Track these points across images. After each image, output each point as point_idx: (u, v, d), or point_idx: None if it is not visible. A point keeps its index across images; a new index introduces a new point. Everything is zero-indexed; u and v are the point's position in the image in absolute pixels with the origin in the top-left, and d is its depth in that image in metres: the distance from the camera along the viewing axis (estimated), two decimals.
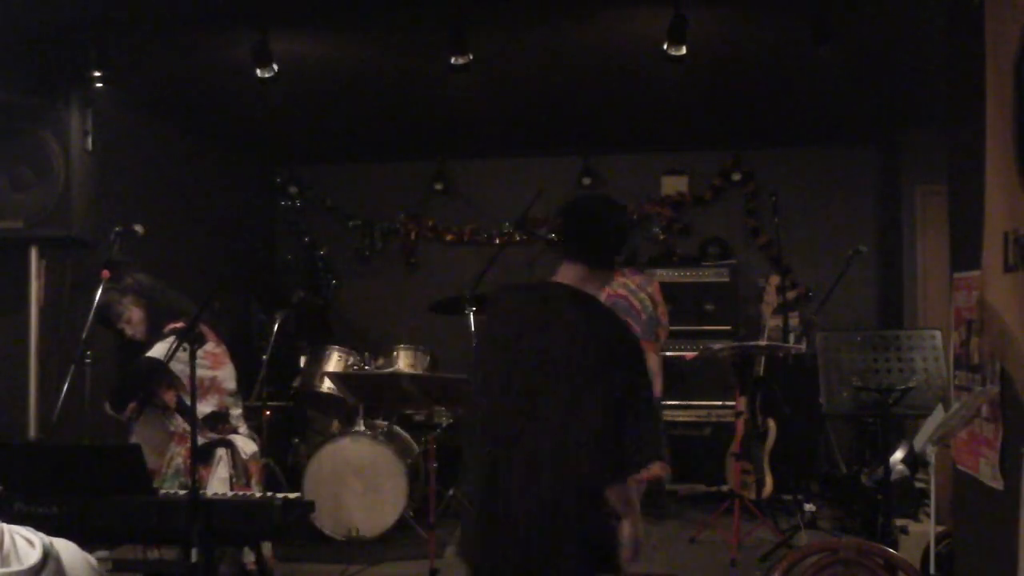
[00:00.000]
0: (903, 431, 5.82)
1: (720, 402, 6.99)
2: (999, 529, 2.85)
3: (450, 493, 6.13)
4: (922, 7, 4.45)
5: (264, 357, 6.28)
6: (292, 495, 3.48)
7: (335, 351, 6.25)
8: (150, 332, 4.19)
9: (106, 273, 4.50)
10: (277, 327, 6.38)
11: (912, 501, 5.02)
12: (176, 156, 6.83)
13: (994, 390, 2.91)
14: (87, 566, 1.57)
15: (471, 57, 4.95)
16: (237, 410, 4.30)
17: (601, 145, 7.80)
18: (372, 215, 8.26)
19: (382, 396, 5.74)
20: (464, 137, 7.68)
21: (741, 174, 7.75)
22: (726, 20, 5.07)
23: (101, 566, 2.43)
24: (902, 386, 4.22)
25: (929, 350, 4.33)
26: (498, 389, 2.62)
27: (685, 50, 4.78)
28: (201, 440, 3.90)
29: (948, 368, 3.90)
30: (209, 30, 5.08)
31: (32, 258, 5.20)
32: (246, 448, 4.21)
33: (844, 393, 4.34)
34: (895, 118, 6.91)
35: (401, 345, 6.38)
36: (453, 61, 4.95)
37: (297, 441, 6.91)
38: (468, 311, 6.15)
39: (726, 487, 6.19)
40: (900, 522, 4.73)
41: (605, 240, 2.73)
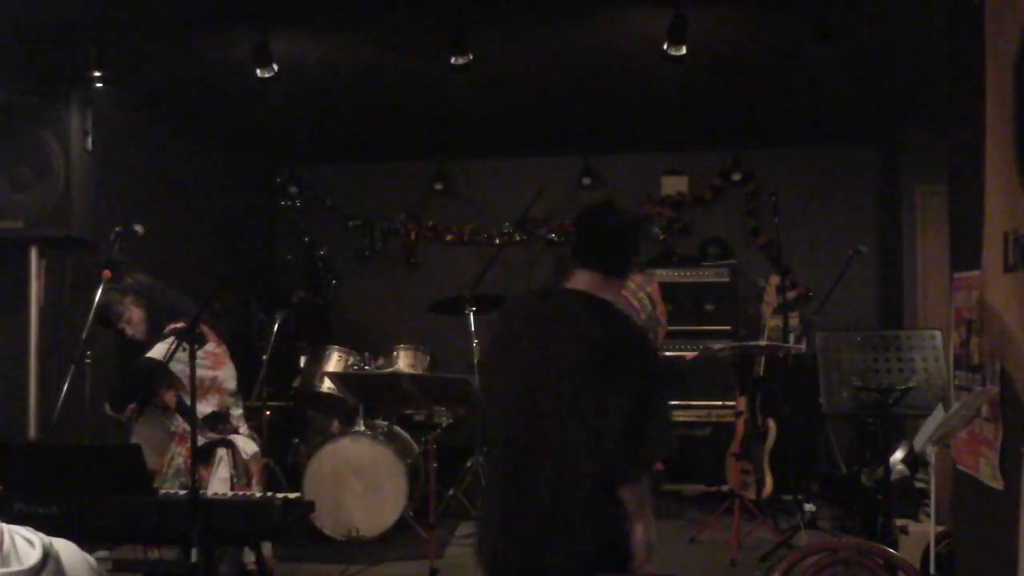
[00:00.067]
0: (903, 431, 5.82)
1: (720, 402, 6.98)
2: (999, 529, 2.85)
3: (450, 493, 6.13)
4: (922, 7, 4.44)
5: (264, 357, 6.28)
6: (292, 495, 3.49)
7: (335, 351, 6.25)
8: (150, 332, 4.19)
9: (106, 273, 4.51)
10: (277, 327, 6.38)
11: (912, 501, 5.02)
12: (176, 156, 6.83)
13: (994, 390, 2.91)
14: (87, 566, 1.57)
15: (471, 57, 4.96)
16: (238, 410, 4.30)
17: (601, 145, 7.79)
18: (372, 215, 8.26)
19: (382, 396, 5.73)
20: (464, 137, 7.68)
21: (741, 174, 7.74)
22: (726, 20, 5.06)
23: (101, 566, 2.44)
24: (902, 386, 4.23)
25: (929, 350, 4.33)
26: (503, 388, 2.64)
27: (685, 50, 4.78)
28: (201, 440, 3.91)
29: (948, 368, 3.90)
30: (209, 30, 5.07)
31: (32, 258, 5.19)
32: (247, 448, 4.21)
33: (844, 393, 4.34)
34: (895, 118, 6.90)
35: (401, 345, 6.38)
36: (453, 61, 4.95)
37: (297, 441, 6.91)
38: (468, 311, 6.15)
39: (726, 487, 6.18)
40: (900, 522, 4.73)
41: (621, 250, 2.79)
